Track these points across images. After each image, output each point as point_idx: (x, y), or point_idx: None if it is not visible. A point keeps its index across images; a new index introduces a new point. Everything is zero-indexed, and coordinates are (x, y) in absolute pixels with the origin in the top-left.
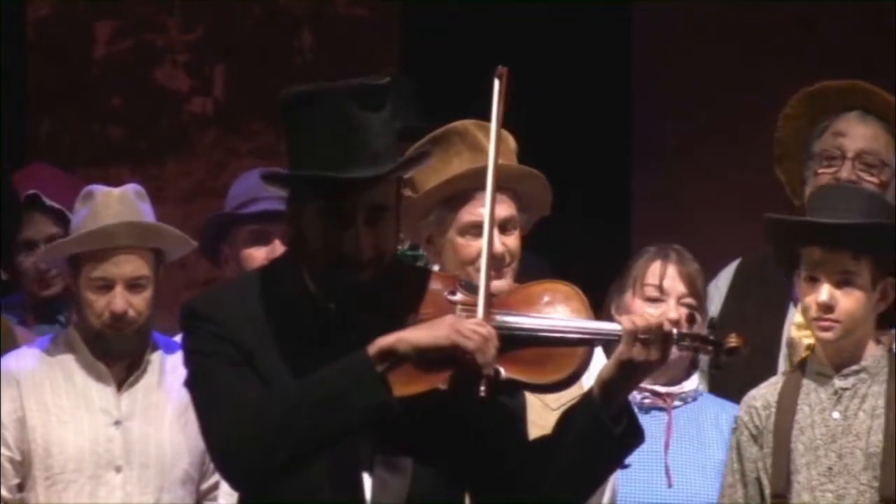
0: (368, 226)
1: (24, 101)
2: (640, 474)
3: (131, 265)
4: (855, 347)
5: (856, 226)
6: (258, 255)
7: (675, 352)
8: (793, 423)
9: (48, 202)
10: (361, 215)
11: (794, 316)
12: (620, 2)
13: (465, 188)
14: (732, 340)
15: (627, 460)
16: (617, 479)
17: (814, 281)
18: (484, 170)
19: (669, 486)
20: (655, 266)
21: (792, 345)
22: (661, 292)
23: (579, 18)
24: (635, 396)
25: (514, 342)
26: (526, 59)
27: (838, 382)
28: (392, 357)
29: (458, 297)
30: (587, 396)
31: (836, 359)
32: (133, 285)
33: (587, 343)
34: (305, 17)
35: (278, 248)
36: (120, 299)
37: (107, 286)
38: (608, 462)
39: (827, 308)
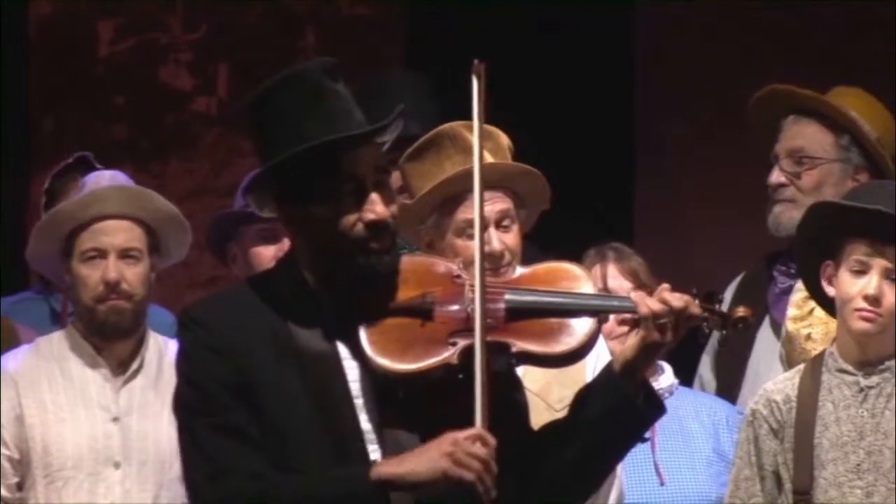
0: (378, 189)
1: (27, 99)
2: (630, 475)
3: (123, 234)
4: (881, 346)
5: None
6: (266, 254)
7: None
8: (815, 418)
9: (97, 165)
10: (370, 177)
11: (790, 310)
12: (623, 1)
13: (458, 191)
14: (740, 311)
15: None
16: (623, 479)
17: (860, 273)
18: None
19: (661, 483)
20: (596, 270)
21: (790, 339)
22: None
23: (582, 17)
24: None
25: (524, 315)
26: (529, 57)
27: (864, 381)
28: (392, 488)
29: (464, 277)
30: (606, 373)
31: (863, 356)
32: (126, 256)
33: (597, 313)
34: (308, 17)
35: (286, 246)
36: (113, 268)
37: (99, 256)
38: (629, 435)
39: (874, 300)
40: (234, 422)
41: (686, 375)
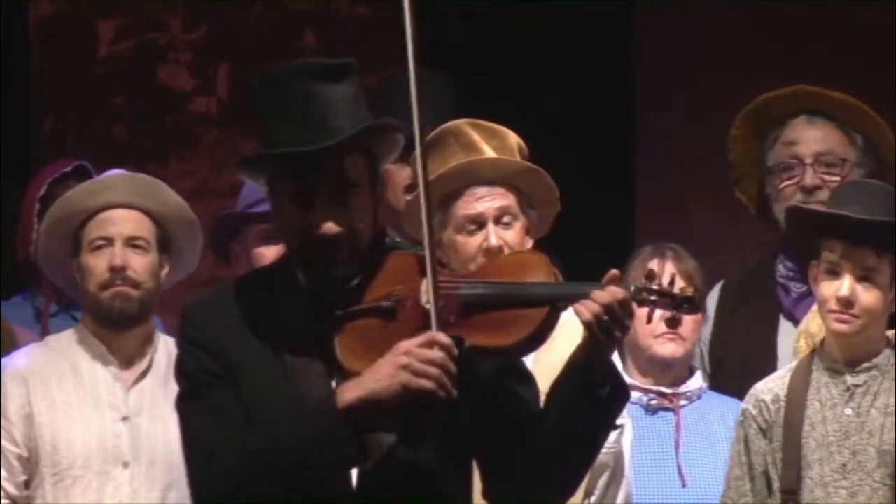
0: (336, 204)
1: (27, 99)
2: (652, 475)
3: (130, 224)
4: (868, 344)
5: (884, 223)
6: (269, 254)
7: (664, 341)
8: (803, 418)
9: (95, 175)
10: (326, 192)
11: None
12: (623, 0)
13: (455, 186)
14: (689, 290)
15: (637, 461)
16: (631, 480)
17: (834, 274)
18: (470, 165)
19: (683, 485)
20: (652, 265)
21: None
22: None
23: (582, 17)
24: (642, 398)
25: (477, 308)
26: (530, 56)
27: (850, 379)
28: (358, 412)
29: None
30: (569, 365)
31: (849, 354)
32: (132, 245)
33: (546, 303)
34: (309, 17)
35: None
36: (119, 254)
37: (106, 244)
38: (597, 426)
39: (847, 303)
40: (219, 403)
41: None
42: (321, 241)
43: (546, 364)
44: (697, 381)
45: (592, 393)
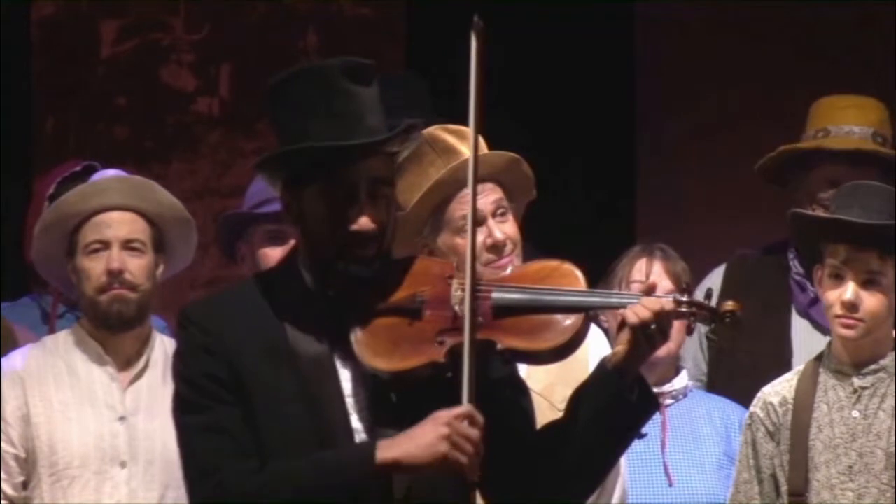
0: (371, 201)
1: (29, 100)
2: (639, 475)
3: (126, 227)
4: (875, 346)
5: (887, 227)
6: (274, 255)
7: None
8: (811, 420)
9: None
10: (364, 188)
11: None
12: (623, 0)
13: (451, 191)
14: (729, 304)
15: (629, 458)
16: (627, 479)
17: (838, 278)
18: (465, 165)
19: (670, 485)
20: (641, 263)
21: None
22: None
23: (582, 17)
24: None
25: (511, 312)
26: (531, 55)
27: (857, 381)
28: (391, 471)
29: (455, 279)
30: (600, 371)
31: (856, 357)
32: (129, 248)
33: (584, 310)
34: (311, 17)
35: None
36: (116, 258)
37: (103, 248)
38: (626, 431)
39: (852, 307)
40: (223, 421)
41: None
42: (357, 238)
43: (541, 371)
44: (683, 380)
45: (622, 398)
